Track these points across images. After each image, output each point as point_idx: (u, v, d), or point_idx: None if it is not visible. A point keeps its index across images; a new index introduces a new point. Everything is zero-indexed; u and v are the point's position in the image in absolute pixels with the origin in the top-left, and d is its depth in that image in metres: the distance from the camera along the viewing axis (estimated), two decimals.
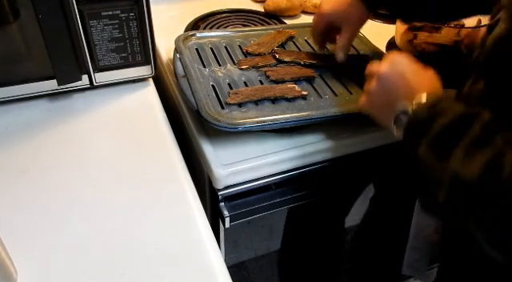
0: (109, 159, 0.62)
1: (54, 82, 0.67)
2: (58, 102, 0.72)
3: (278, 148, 0.66)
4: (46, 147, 0.64)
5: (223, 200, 0.66)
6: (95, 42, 0.67)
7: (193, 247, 0.52)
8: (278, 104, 0.67)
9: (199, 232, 0.54)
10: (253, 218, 0.69)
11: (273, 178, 0.67)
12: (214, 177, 0.63)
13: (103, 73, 0.71)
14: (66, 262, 0.50)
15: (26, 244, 0.51)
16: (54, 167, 0.61)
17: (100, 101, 0.72)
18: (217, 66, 0.75)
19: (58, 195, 0.57)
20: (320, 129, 0.69)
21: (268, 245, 1.18)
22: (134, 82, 0.76)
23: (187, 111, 0.72)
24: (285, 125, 0.66)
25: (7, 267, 0.46)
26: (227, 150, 0.66)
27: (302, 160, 0.67)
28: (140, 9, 0.66)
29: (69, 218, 0.55)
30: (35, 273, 0.48)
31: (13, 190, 0.58)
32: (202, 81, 0.70)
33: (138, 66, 0.72)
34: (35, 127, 0.67)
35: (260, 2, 1.07)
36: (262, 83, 0.72)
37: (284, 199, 0.70)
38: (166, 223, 0.54)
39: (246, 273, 1.13)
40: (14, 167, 0.60)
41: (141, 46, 0.70)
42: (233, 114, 0.65)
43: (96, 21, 0.65)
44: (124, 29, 0.67)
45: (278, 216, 1.03)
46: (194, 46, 0.79)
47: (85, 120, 0.69)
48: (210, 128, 0.66)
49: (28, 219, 0.54)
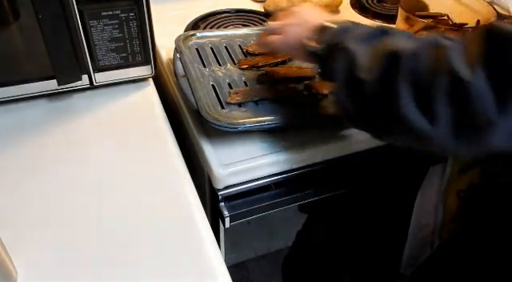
0: (109, 159, 0.62)
1: (53, 82, 0.67)
2: (57, 102, 0.72)
3: (278, 148, 0.66)
4: (45, 147, 0.64)
5: (223, 200, 0.66)
6: (95, 42, 0.67)
7: (193, 247, 0.52)
8: (277, 104, 0.67)
9: (199, 232, 0.54)
10: (253, 218, 0.69)
11: (273, 178, 0.67)
12: (214, 177, 0.63)
13: (103, 73, 0.71)
14: (67, 262, 0.50)
15: (26, 244, 0.51)
16: (53, 167, 0.61)
17: (100, 101, 0.72)
18: (217, 65, 0.75)
19: (58, 195, 0.57)
20: (320, 129, 0.69)
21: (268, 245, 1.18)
22: (134, 82, 0.76)
23: (187, 111, 0.72)
24: (285, 125, 0.66)
25: (7, 267, 0.46)
26: (227, 150, 0.66)
27: (301, 160, 0.67)
28: (140, 9, 0.66)
29: (69, 218, 0.55)
30: (35, 273, 0.48)
31: (13, 190, 0.58)
32: (202, 81, 0.70)
33: (138, 66, 0.72)
34: (35, 127, 0.67)
35: (260, 2, 1.07)
36: (262, 83, 0.72)
37: (284, 199, 0.70)
38: (166, 223, 0.54)
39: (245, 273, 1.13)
40: (14, 167, 0.60)
41: (141, 46, 0.70)
42: (233, 114, 0.65)
43: (96, 21, 0.65)
44: (124, 29, 0.67)
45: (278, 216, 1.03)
46: (194, 45, 0.79)
47: (85, 120, 0.69)
48: (210, 128, 0.66)
49: (28, 219, 0.54)
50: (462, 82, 0.41)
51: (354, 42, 0.49)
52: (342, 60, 0.49)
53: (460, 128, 0.43)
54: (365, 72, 0.47)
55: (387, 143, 0.72)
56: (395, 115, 0.45)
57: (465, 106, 0.41)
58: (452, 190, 0.84)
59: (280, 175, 0.68)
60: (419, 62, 0.44)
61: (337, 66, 0.50)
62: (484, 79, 0.40)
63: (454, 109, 0.42)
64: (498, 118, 0.40)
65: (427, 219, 0.89)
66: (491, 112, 0.40)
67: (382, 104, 0.46)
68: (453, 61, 0.42)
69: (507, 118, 0.40)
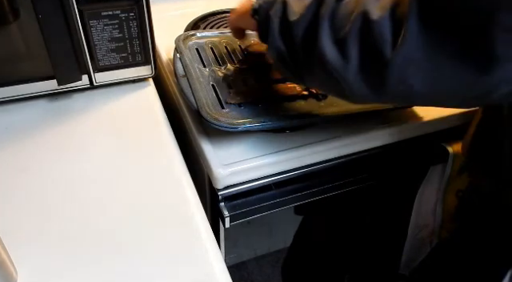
0: (108, 159, 0.62)
1: (53, 82, 0.67)
2: (57, 102, 0.72)
3: (278, 148, 0.66)
4: (45, 147, 0.64)
5: (223, 200, 0.66)
6: (95, 42, 0.67)
7: (193, 247, 0.52)
8: (278, 104, 0.67)
9: (199, 232, 0.54)
10: (253, 218, 0.69)
11: (273, 178, 0.67)
12: (213, 177, 0.63)
13: (103, 73, 0.71)
14: (67, 262, 0.50)
15: (25, 244, 0.51)
16: (53, 167, 0.61)
17: (100, 101, 0.72)
18: (217, 65, 0.75)
19: (58, 195, 0.57)
20: (320, 129, 0.69)
21: (268, 245, 1.18)
22: (134, 82, 0.76)
23: (187, 111, 0.72)
24: (285, 125, 0.66)
25: (7, 267, 0.46)
26: (227, 150, 0.66)
27: (302, 160, 0.67)
28: (140, 9, 0.66)
29: (69, 218, 0.55)
30: (35, 273, 0.48)
31: (13, 190, 0.58)
32: (202, 81, 0.70)
33: (138, 66, 0.72)
34: (35, 127, 0.67)
35: None
36: (263, 83, 0.72)
37: (284, 199, 0.70)
38: (166, 223, 0.54)
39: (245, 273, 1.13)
40: (14, 167, 0.60)
41: (141, 46, 0.70)
42: (233, 114, 0.65)
43: (96, 21, 0.65)
44: (124, 29, 0.67)
45: (278, 216, 1.03)
46: (194, 45, 0.79)
47: (85, 120, 0.69)
48: (210, 128, 0.66)
49: (28, 219, 0.54)
50: (369, 23, 0.43)
51: None
52: (277, 9, 0.54)
53: (366, 68, 0.45)
54: (295, 15, 0.51)
55: (388, 143, 0.73)
56: (317, 54, 0.48)
57: (369, 46, 0.44)
58: (451, 190, 0.84)
59: (280, 175, 0.68)
60: (341, 5, 0.48)
61: (272, 15, 0.54)
62: (388, 19, 0.42)
63: (361, 49, 0.45)
64: (392, 56, 0.42)
65: (426, 220, 0.89)
66: (387, 49, 0.42)
67: (308, 44, 0.50)
68: (368, 4, 0.45)
69: (399, 55, 0.42)
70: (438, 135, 0.77)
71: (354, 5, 0.47)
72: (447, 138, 0.78)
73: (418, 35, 0.40)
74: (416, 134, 0.75)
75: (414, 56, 0.41)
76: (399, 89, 0.45)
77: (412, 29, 0.40)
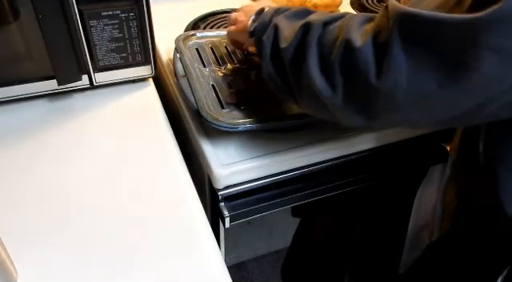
0: (108, 159, 0.62)
1: (53, 82, 0.67)
2: (57, 102, 0.72)
3: (278, 148, 0.66)
4: (45, 147, 0.64)
5: (223, 200, 0.66)
6: (95, 42, 0.67)
7: (193, 247, 0.52)
8: (277, 104, 0.67)
9: (199, 232, 0.54)
10: (253, 218, 0.69)
11: (273, 178, 0.67)
12: (213, 177, 0.63)
13: (103, 73, 0.71)
14: (66, 262, 0.50)
15: (26, 244, 0.51)
16: (53, 167, 0.61)
17: (100, 101, 0.72)
18: (217, 65, 0.75)
19: (58, 195, 0.57)
20: (320, 129, 0.69)
21: (268, 245, 1.18)
22: (134, 82, 0.76)
23: (187, 111, 0.72)
24: (285, 125, 0.66)
25: (7, 267, 0.46)
26: (227, 150, 0.66)
27: (302, 160, 0.67)
28: (140, 9, 0.67)
29: (69, 218, 0.55)
30: (35, 273, 0.48)
31: (13, 190, 0.58)
32: (202, 81, 0.70)
33: (138, 66, 0.72)
34: (35, 127, 0.67)
35: None
36: (262, 83, 0.72)
37: (284, 199, 0.70)
38: (166, 223, 0.54)
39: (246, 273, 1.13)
40: (14, 167, 0.60)
41: (141, 46, 0.70)
42: (233, 114, 0.65)
43: (96, 21, 0.65)
44: (124, 29, 0.67)
45: (278, 216, 1.03)
46: (194, 45, 0.79)
47: (85, 120, 0.69)
48: (209, 128, 0.66)
49: (28, 219, 0.54)
50: (352, 50, 0.43)
51: (281, 19, 0.55)
52: (270, 34, 0.54)
53: (353, 96, 0.45)
54: (285, 42, 0.51)
55: (388, 143, 0.73)
56: (306, 81, 0.48)
57: (354, 73, 0.44)
58: (451, 190, 0.84)
59: (280, 175, 0.68)
60: (326, 31, 0.48)
61: (265, 40, 0.54)
62: (371, 46, 0.42)
63: (346, 76, 0.45)
64: (378, 84, 0.42)
65: (426, 220, 0.89)
66: (372, 77, 0.42)
67: (298, 71, 0.50)
68: (351, 30, 0.44)
69: (385, 82, 0.41)
70: (438, 135, 0.77)
71: (338, 30, 0.46)
72: (447, 138, 0.78)
73: (402, 62, 0.40)
74: (416, 135, 0.75)
75: (399, 83, 0.40)
76: (388, 116, 0.44)
77: (395, 55, 0.40)
